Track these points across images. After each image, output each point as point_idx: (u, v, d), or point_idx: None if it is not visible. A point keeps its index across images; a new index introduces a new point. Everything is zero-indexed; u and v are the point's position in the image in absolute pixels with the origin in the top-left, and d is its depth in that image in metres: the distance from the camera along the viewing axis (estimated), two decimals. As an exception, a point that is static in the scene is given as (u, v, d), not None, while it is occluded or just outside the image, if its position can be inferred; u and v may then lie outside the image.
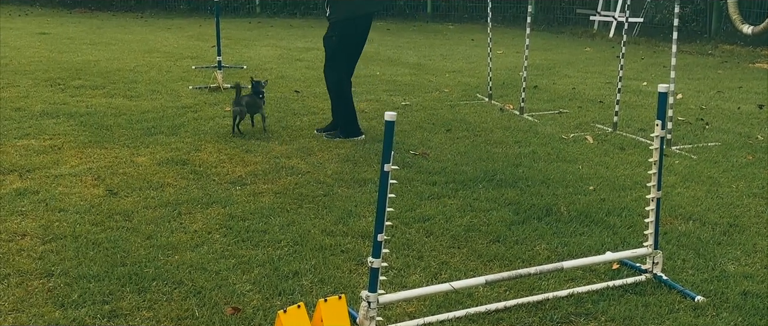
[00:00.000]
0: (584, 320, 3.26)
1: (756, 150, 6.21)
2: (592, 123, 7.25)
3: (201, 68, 10.01)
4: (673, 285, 3.56)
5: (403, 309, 3.34)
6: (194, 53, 11.57)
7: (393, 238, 4.14)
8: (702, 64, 11.64)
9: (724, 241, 4.16)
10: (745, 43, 13.15)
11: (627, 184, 5.20)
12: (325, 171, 5.44)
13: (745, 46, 13.01)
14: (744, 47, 12.99)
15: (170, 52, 11.63)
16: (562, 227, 4.37)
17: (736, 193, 5.01)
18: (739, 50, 12.84)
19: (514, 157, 5.93)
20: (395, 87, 9.14)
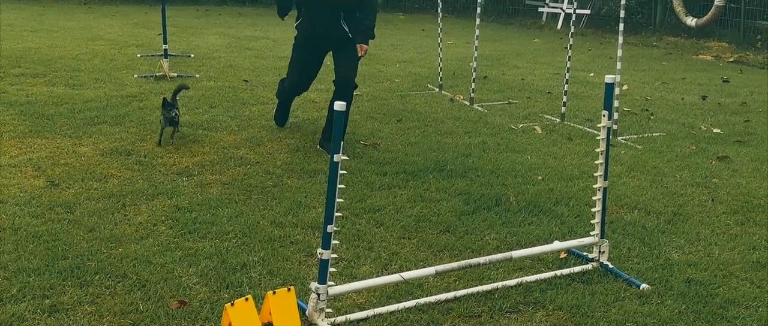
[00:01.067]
0: (532, 309, 3.29)
1: (699, 140, 6.35)
2: (540, 113, 7.32)
3: (147, 56, 9.79)
4: (619, 274, 3.61)
5: (353, 300, 3.32)
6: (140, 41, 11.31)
7: (343, 229, 4.11)
8: (647, 55, 11.86)
9: (668, 230, 4.24)
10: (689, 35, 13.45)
11: (574, 174, 5.26)
12: (274, 161, 5.38)
13: (689, 38, 13.31)
14: (688, 39, 13.29)
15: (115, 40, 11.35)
16: (511, 217, 4.40)
17: (679, 183, 5.12)
18: (683, 42, 13.13)
19: (464, 147, 5.95)
20: (346, 77, 9.07)
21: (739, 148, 6.10)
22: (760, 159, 5.76)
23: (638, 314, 3.23)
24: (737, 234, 4.19)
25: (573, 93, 8.05)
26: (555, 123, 6.91)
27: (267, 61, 10.06)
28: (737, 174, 5.35)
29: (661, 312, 3.24)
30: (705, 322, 3.17)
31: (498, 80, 9.16)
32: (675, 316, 3.21)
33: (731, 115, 7.46)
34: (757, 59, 11.41)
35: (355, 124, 6.61)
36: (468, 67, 7.92)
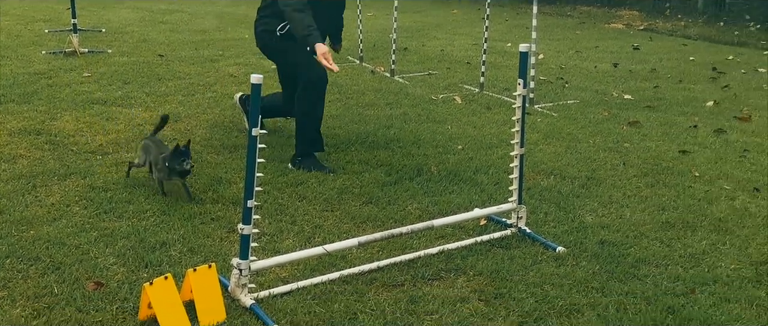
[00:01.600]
0: (454, 275, 3.35)
1: (611, 106, 6.56)
2: (460, 84, 7.41)
3: (55, 32, 9.39)
4: (536, 238, 3.72)
5: (277, 275, 3.31)
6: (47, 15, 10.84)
7: (265, 204, 4.08)
8: (562, 25, 12.13)
9: (582, 194, 4.37)
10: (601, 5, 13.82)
11: (493, 143, 5.36)
12: (193, 137, 5.26)
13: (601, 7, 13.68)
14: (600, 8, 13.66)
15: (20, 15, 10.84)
16: (432, 186, 4.45)
17: (593, 148, 5.28)
18: (596, 11, 13.48)
19: (385, 118, 5.97)
20: (265, 50, 8.95)
21: (649, 113, 6.33)
22: (669, 123, 6.00)
23: (554, 276, 3.33)
24: (647, 196, 4.36)
25: (491, 63, 8.17)
26: (474, 93, 7.01)
27: (183, 35, 9.81)
28: (647, 138, 5.56)
29: (576, 273, 3.35)
30: (617, 281, 3.29)
31: (418, 51, 9.21)
32: (589, 276, 3.33)
33: (641, 81, 7.73)
34: (666, 27, 11.84)
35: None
36: (388, 38, 7.92)
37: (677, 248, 3.65)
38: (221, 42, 9.39)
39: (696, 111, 6.46)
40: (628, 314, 3.01)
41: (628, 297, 3.15)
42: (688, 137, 5.60)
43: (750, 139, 5.60)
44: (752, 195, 4.39)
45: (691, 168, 4.86)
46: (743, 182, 4.61)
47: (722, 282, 3.30)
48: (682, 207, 4.17)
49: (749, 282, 3.30)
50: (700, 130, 5.82)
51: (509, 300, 3.12)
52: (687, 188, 4.48)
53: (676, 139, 5.54)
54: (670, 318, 2.97)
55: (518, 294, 3.17)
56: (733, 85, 7.56)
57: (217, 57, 8.39)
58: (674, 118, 6.19)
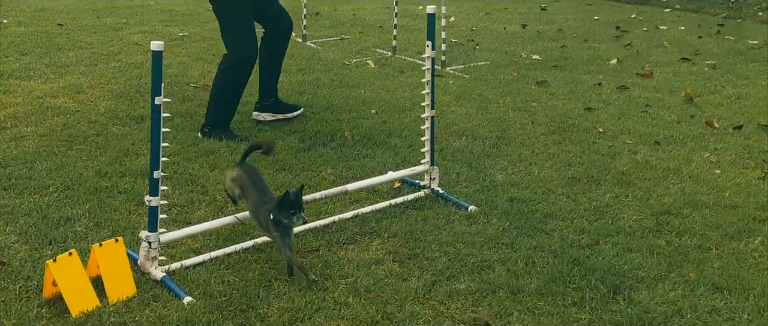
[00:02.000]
0: (368, 238, 3.37)
1: (520, 67, 6.69)
2: (373, 48, 7.39)
3: (-57, 1, 8.85)
4: (448, 198, 3.77)
5: (189, 246, 3.25)
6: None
7: (175, 175, 3.99)
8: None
9: (493, 153, 4.46)
10: (510, -32, 13.98)
11: (406, 106, 5.39)
12: (97, 109, 5.08)
13: (510, -30, 13.85)
14: (509, -29, 13.82)
15: None
16: (346, 151, 4.45)
17: (503, 108, 5.38)
18: (505, -26, 13.64)
19: (298, 85, 5.91)
20: (172, 17, 8.69)
21: (556, 73, 6.48)
22: (574, 81, 6.16)
23: (466, 234, 3.40)
24: (554, 153, 4.48)
25: (403, 26, 8.17)
26: (387, 56, 7.01)
27: (83, 3, 9.40)
28: (554, 97, 5.70)
29: (487, 231, 3.43)
30: (526, 236, 3.39)
31: (330, 16, 9.12)
32: (499, 233, 3.41)
33: (549, 41, 7.90)
34: (572, -12, 12.09)
35: (183, 66, 6.37)
36: (299, 3, 7.81)
37: (582, 202, 3.78)
38: (125, 9, 9.05)
39: (600, 69, 6.66)
40: (536, 267, 3.11)
41: (536, 251, 3.25)
42: (592, 94, 5.78)
43: (651, 94, 5.81)
44: (653, 149, 4.58)
45: (595, 124, 5.02)
46: (645, 136, 4.80)
47: (625, 233, 3.44)
48: (587, 163, 4.31)
49: (650, 232, 3.45)
50: (604, 87, 6.01)
51: (423, 260, 3.17)
52: (592, 144, 4.63)
53: (581, 97, 5.70)
54: (576, 270, 3.08)
55: (431, 253, 3.22)
56: (636, 42, 7.82)
57: (121, 25, 8.09)
58: (580, 76, 6.37)
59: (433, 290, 2.94)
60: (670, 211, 3.67)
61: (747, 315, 2.78)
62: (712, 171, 4.22)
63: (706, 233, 3.44)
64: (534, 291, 2.92)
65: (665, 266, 3.14)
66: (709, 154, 4.48)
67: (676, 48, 7.58)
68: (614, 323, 2.72)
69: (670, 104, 5.53)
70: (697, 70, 6.66)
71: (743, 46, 7.66)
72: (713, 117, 5.21)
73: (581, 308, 2.82)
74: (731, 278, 3.04)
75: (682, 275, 3.07)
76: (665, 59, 7.06)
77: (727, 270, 3.10)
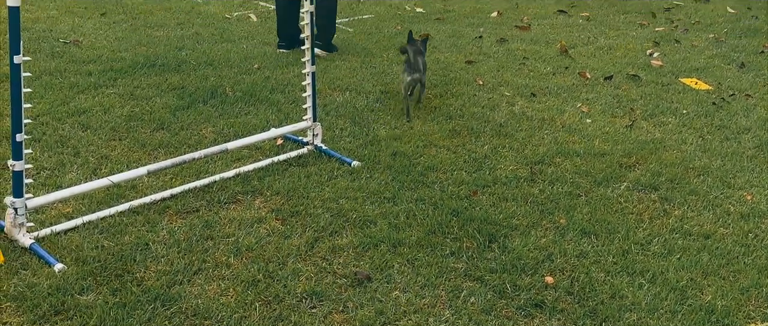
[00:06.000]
0: (251, 197, 3.33)
1: (404, 20, 6.72)
2: (255, 0, 7.22)
3: None
4: (332, 154, 3.78)
5: (60, 211, 3.11)
6: None
7: (44, 137, 3.80)
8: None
9: (377, 108, 4.48)
10: None
11: (290, 61, 5.32)
12: (-45, 68, 4.74)
13: None
14: None
15: None
16: (227, 108, 4.36)
17: (386, 63, 5.40)
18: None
19: (176, 39, 5.72)
20: (38, -33, 8.16)
21: (439, 25, 6.56)
22: (457, 35, 6.26)
23: (349, 189, 3.42)
24: (437, 106, 4.56)
25: (287, -22, 8.00)
26: (270, 9, 6.87)
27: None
28: (437, 50, 5.77)
29: (369, 185, 3.46)
30: (408, 190, 3.45)
31: (210, -33, 8.82)
32: (382, 187, 3.45)
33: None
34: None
35: (52, 20, 6.03)
36: None
37: (462, 154, 3.87)
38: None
39: (482, 22, 6.79)
40: (416, 219, 3.17)
41: (417, 204, 3.31)
42: (474, 48, 5.89)
43: (529, 47, 5.99)
44: (530, 100, 4.73)
45: (476, 77, 5.13)
46: (522, 88, 4.95)
47: (501, 183, 3.56)
48: (467, 115, 4.41)
49: (525, 181, 3.59)
50: (484, 40, 6.13)
51: (306, 217, 3.17)
52: (472, 97, 4.74)
53: (463, 50, 5.80)
54: (454, 220, 3.17)
55: (314, 210, 3.23)
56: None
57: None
58: (462, 29, 6.47)
59: (316, 246, 2.96)
60: (544, 160, 3.82)
61: (612, 258, 2.95)
62: (584, 120, 4.41)
63: (576, 180, 3.61)
64: (414, 244, 2.99)
65: (538, 213, 3.28)
66: (581, 104, 4.68)
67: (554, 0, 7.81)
68: (489, 270, 2.83)
69: (547, 56, 5.72)
70: (572, 22, 6.90)
71: (616, -1, 7.99)
72: (586, 68, 5.43)
73: (458, 257, 2.91)
74: (598, 223, 3.21)
75: (553, 222, 3.22)
76: (543, 12, 7.27)
77: (594, 216, 3.27)
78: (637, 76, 5.24)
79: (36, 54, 5.10)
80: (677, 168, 3.77)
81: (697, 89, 5.05)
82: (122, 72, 4.85)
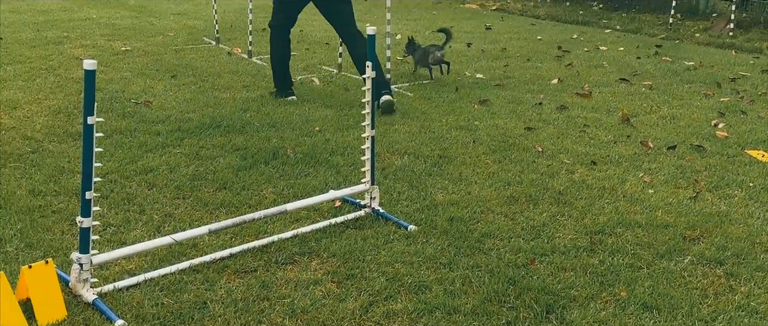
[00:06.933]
0: (308, 258, 3.36)
1: (464, 85, 6.77)
2: (319, 65, 7.41)
3: None
4: (388, 217, 3.80)
5: (123, 267, 3.20)
6: None
7: (111, 194, 3.93)
8: (419, 4, 12.37)
9: (434, 172, 4.50)
10: (457, -14, 14.18)
11: (350, 124, 5.41)
12: (33, 125, 4.97)
13: (457, -11, 14.04)
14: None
15: None
16: (288, 169, 4.44)
17: (445, 127, 5.44)
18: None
19: (242, 101, 5.89)
20: (114, 31, 8.56)
21: (499, 92, 6.59)
22: (516, 101, 6.27)
23: (405, 254, 3.42)
24: (495, 172, 4.55)
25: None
26: (333, 74, 7.03)
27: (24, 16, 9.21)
28: (496, 116, 5.79)
29: (425, 250, 3.46)
30: (464, 256, 3.43)
31: (276, 32, 9.09)
32: (438, 253, 3.44)
33: (493, 60, 8.03)
34: (516, 7, 12.33)
35: (125, 81, 6.29)
36: (245, 18, 7.78)
37: (520, 221, 3.84)
38: (66, 23, 8.89)
39: (542, 88, 6.79)
40: (472, 287, 3.14)
41: (473, 270, 3.29)
42: (533, 114, 5.88)
43: (590, 114, 5.95)
44: (590, 168, 4.68)
45: (535, 143, 5.11)
46: (582, 156, 4.91)
47: (560, 252, 3.50)
48: (526, 182, 4.38)
49: (584, 251, 3.53)
50: (544, 106, 6.13)
51: (361, 280, 3.18)
52: (531, 163, 4.72)
53: (522, 116, 5.80)
54: (511, 289, 3.12)
55: (370, 273, 3.23)
56: (576, 62, 8.00)
57: (62, 39, 7.94)
58: (521, 95, 6.48)
59: (370, 310, 2.95)
60: (604, 231, 3.76)
61: (674, 333, 2.86)
62: (646, 191, 4.34)
63: (637, 252, 3.53)
64: (470, 311, 2.96)
65: (597, 285, 3.21)
66: (643, 174, 4.60)
67: (615, 68, 7.78)
68: (546, 342, 2.77)
69: (608, 124, 5.67)
70: (634, 90, 6.84)
71: (680, 67, 7.90)
72: (648, 137, 5.36)
73: (515, 327, 2.86)
74: (661, 297, 3.12)
75: (613, 294, 3.14)
76: (604, 79, 7.24)
77: (657, 289, 3.19)
78: (701, 147, 5.14)
79: (108, 113, 5.32)
80: (743, 242, 3.66)
81: (765, 162, 4.91)
82: (189, 132, 5.00)
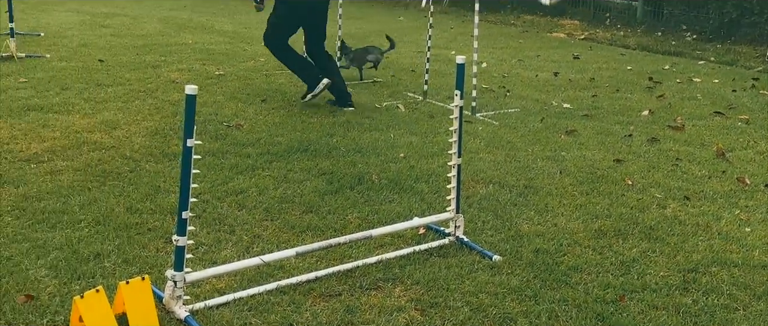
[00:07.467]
0: (391, 285, 3.38)
1: (551, 115, 6.69)
2: (404, 91, 7.47)
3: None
4: (473, 247, 3.77)
5: (213, 286, 3.29)
6: (-17, 18, 10.53)
7: (204, 213, 4.05)
8: (505, 33, 12.32)
9: (520, 202, 4.46)
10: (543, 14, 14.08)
11: (435, 151, 5.42)
12: (131, 145, 5.20)
13: (544, 17, 13.94)
14: (543, 17, 13.92)
15: (-46, 16, 10.51)
16: (373, 195, 4.48)
17: (531, 157, 5.38)
18: (539, 20, 13.73)
19: (328, 126, 5.99)
20: (209, 56, 8.87)
21: (586, 122, 6.48)
22: (604, 132, 6.15)
23: (489, 284, 3.39)
24: (582, 204, 4.47)
25: (435, 71, 8.25)
26: (418, 101, 7.07)
27: (124, 40, 9.66)
28: (584, 147, 5.69)
29: (510, 282, 3.42)
30: (550, 289, 3.37)
31: (363, 58, 9.23)
32: (523, 285, 3.40)
33: (580, 90, 7.91)
34: (606, 36, 12.12)
35: (218, 105, 6.49)
36: (333, 45, 7.94)
37: (609, 256, 3.75)
38: (163, 47, 9.27)
39: (631, 120, 6.64)
40: (559, 321, 3.08)
41: (560, 304, 3.22)
42: (623, 146, 5.75)
43: (682, 148, 5.77)
44: (683, 204, 4.54)
45: (624, 176, 4.99)
46: (674, 190, 4.76)
47: (651, 290, 3.40)
48: (615, 216, 4.28)
49: (677, 290, 3.41)
50: (634, 138, 5.98)
51: (445, 309, 3.16)
52: (620, 196, 4.61)
53: (611, 148, 5.68)
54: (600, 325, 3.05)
55: (454, 302, 3.22)
56: (668, 94, 7.79)
57: (159, 62, 8.29)
58: (610, 126, 6.35)
59: (454, 340, 2.94)
60: (698, 269, 3.63)
61: (774, 380, 2.73)
62: (742, 228, 4.17)
63: (733, 293, 3.39)
64: (556, 346, 2.90)
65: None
66: (740, 211, 4.42)
67: (710, 101, 7.53)
68: (636, 382, 2.69)
69: (701, 158, 5.49)
70: (730, 124, 6.60)
71: (778, 101, 7.59)
72: (745, 173, 5.16)
73: (603, 365, 2.79)
74: (759, 340, 2.99)
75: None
76: (698, 112, 7.02)
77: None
78: (802, 184, 4.91)
79: (202, 135, 5.51)
80: None
81: None
82: (278, 155, 5.12)
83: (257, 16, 12.20)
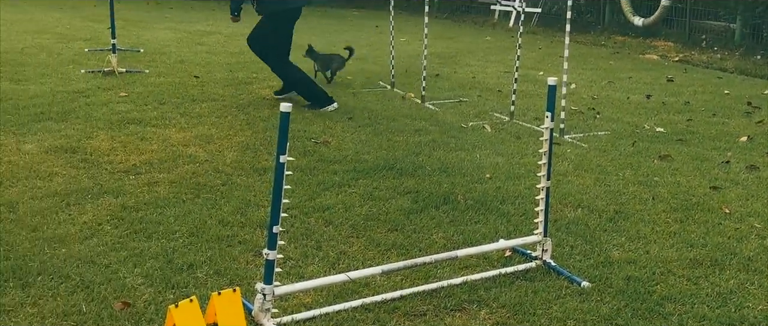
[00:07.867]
0: (477, 307, 3.35)
1: (643, 139, 6.51)
2: (490, 112, 7.42)
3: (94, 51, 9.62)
4: (560, 272, 3.70)
5: (300, 300, 3.34)
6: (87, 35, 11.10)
7: (292, 228, 4.12)
8: (595, 54, 12.09)
9: (609, 228, 4.34)
10: (636, 35, 13.75)
11: (522, 173, 5.35)
12: (224, 159, 5.35)
13: (636, 38, 13.61)
14: (635, 38, 13.58)
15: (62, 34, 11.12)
16: (458, 215, 4.46)
17: (622, 181, 5.24)
18: (631, 41, 13.40)
19: (414, 145, 6.01)
20: (298, 73, 9.06)
21: (681, 147, 6.27)
22: (700, 157, 5.94)
23: (578, 311, 3.31)
24: (676, 231, 4.32)
25: (522, 91, 8.17)
26: (504, 121, 7.01)
27: (218, 57, 9.98)
28: (678, 172, 5.51)
29: (600, 309, 3.33)
30: (642, 319, 3.26)
31: (449, 78, 9.24)
32: (613, 313, 3.30)
33: (674, 114, 7.66)
34: (702, 59, 11.72)
35: (306, 122, 6.61)
36: (420, 64, 7.98)
37: (704, 286, 3.61)
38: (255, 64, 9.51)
39: (729, 146, 6.39)
40: (651, 353, 2.98)
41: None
42: (719, 173, 5.54)
43: (784, 176, 5.51)
44: (784, 235, 4.32)
45: (721, 204, 4.80)
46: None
47: (749, 324, 3.25)
48: (710, 245, 4.12)
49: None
50: (732, 165, 5.75)
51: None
52: (716, 225, 4.43)
53: (707, 175, 5.48)
54: (694, 359, 2.93)
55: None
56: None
57: (251, 79, 8.52)
58: (706, 152, 6.13)
59: (541, 367, 2.88)
60: (802, 304, 3.44)
61: None
62: None
63: (841, 331, 3.20)
64: (647, 378, 2.80)
65: (794, 364, 2.94)
66: None
67: (814, 127, 7.17)
68: None
69: (806, 187, 5.22)
70: (837, 151, 6.26)
71: None
72: None
73: (698, 401, 2.68)
74: None
75: (812, 375, 2.86)
76: (801, 138, 6.69)
77: None
78: None
79: (291, 152, 5.59)
80: None
81: None
82: (364, 173, 5.17)
83: (344, 35, 12.40)
